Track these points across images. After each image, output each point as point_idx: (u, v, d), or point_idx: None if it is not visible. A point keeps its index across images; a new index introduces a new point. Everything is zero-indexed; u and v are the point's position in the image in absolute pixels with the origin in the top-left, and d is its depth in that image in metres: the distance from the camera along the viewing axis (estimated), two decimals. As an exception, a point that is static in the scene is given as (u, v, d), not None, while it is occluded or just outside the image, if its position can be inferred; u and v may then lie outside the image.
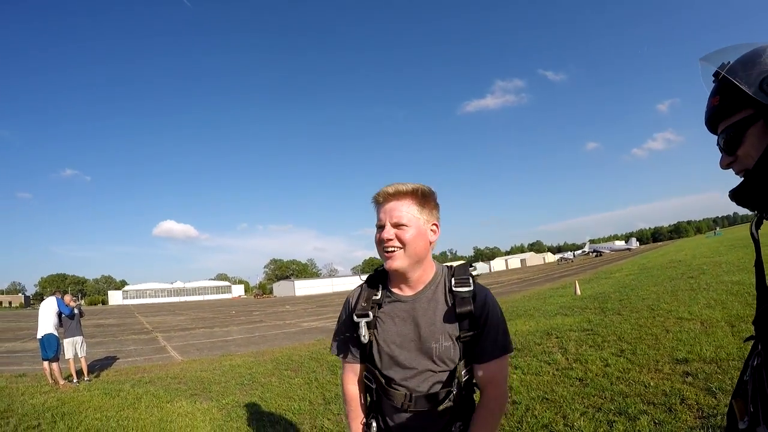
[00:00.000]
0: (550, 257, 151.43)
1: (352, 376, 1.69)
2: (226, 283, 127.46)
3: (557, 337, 8.06)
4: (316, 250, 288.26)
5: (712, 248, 31.28)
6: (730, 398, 1.06)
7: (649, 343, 6.55)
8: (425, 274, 1.56)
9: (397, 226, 1.47)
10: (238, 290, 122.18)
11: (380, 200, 1.53)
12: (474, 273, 1.58)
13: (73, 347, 8.94)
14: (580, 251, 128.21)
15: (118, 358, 12.02)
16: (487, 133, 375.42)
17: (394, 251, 1.47)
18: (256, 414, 5.64)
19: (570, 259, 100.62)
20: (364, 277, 1.68)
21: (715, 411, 3.81)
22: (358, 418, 1.66)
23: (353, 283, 1.75)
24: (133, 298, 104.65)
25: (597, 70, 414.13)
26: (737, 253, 21.02)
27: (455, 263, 1.67)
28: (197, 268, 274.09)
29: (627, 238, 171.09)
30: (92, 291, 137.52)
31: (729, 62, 0.99)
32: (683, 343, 6.14)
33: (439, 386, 1.50)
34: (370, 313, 1.53)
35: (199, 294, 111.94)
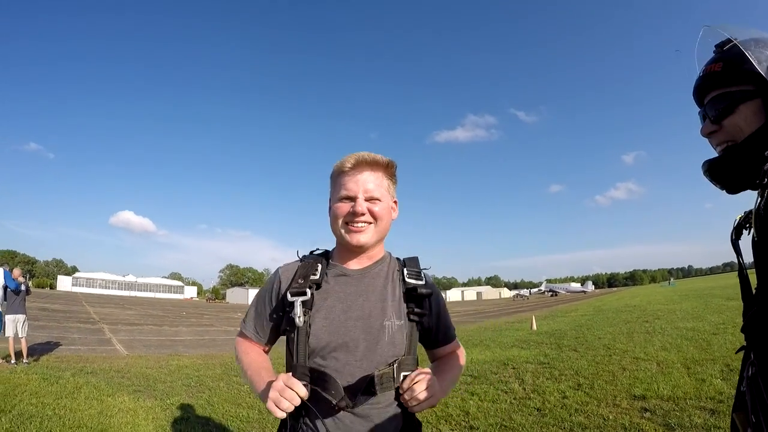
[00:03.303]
0: (507, 293, 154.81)
1: (252, 346, 1.52)
2: (179, 283, 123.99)
3: (514, 368, 8.14)
4: (273, 260, 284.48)
5: (666, 296, 32.93)
6: (731, 412, 1.07)
7: (607, 379, 6.72)
8: (379, 253, 1.48)
9: (369, 199, 1.37)
10: (190, 291, 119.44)
11: (350, 167, 1.38)
12: (425, 269, 1.52)
13: (14, 325, 8.58)
14: (536, 289, 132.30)
15: (61, 345, 11.66)
16: (455, 165, 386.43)
17: (363, 226, 1.37)
18: (202, 417, 5.49)
19: (525, 296, 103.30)
20: (302, 253, 1.50)
21: (674, 446, 3.91)
22: (269, 372, 1.40)
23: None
24: (83, 286, 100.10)
25: (567, 116, 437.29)
26: (691, 302, 22.20)
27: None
28: (150, 264, 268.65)
29: (583, 280, 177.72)
30: (41, 273, 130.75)
31: (736, 38, 1.02)
32: (640, 381, 6.34)
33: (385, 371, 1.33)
34: (308, 291, 1.34)
35: (150, 290, 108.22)
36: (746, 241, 1.06)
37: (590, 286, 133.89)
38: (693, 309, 18.03)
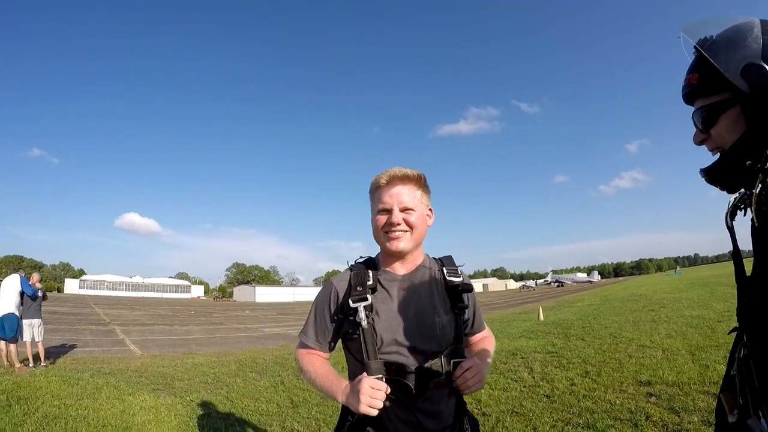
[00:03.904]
0: (513, 284, 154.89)
1: (315, 357, 1.65)
2: (186, 283, 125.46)
3: (522, 358, 8.36)
4: (279, 257, 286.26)
5: (672, 285, 32.96)
6: (717, 393, 1.09)
7: (613, 366, 6.93)
8: (419, 256, 1.66)
9: (404, 210, 1.53)
10: (197, 291, 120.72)
11: (384, 183, 1.56)
12: (460, 266, 1.72)
13: (30, 330, 8.84)
14: (542, 280, 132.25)
15: (76, 347, 11.94)
16: (459, 158, 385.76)
17: (400, 234, 1.54)
18: (222, 413, 5.71)
19: (532, 287, 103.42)
20: (351, 262, 1.68)
21: (679, 427, 4.13)
22: (338, 377, 1.55)
23: (315, 294, 1.77)
24: (90, 288, 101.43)
25: (570, 106, 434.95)
26: (697, 290, 22.29)
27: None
28: (157, 265, 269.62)
29: (589, 270, 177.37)
30: (49, 277, 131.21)
31: (711, 36, 1.01)
32: (646, 368, 6.54)
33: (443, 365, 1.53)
34: (369, 297, 1.50)
35: (158, 291, 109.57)
36: (740, 222, 1.09)
37: (596, 276, 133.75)
38: (699, 297, 18.15)
